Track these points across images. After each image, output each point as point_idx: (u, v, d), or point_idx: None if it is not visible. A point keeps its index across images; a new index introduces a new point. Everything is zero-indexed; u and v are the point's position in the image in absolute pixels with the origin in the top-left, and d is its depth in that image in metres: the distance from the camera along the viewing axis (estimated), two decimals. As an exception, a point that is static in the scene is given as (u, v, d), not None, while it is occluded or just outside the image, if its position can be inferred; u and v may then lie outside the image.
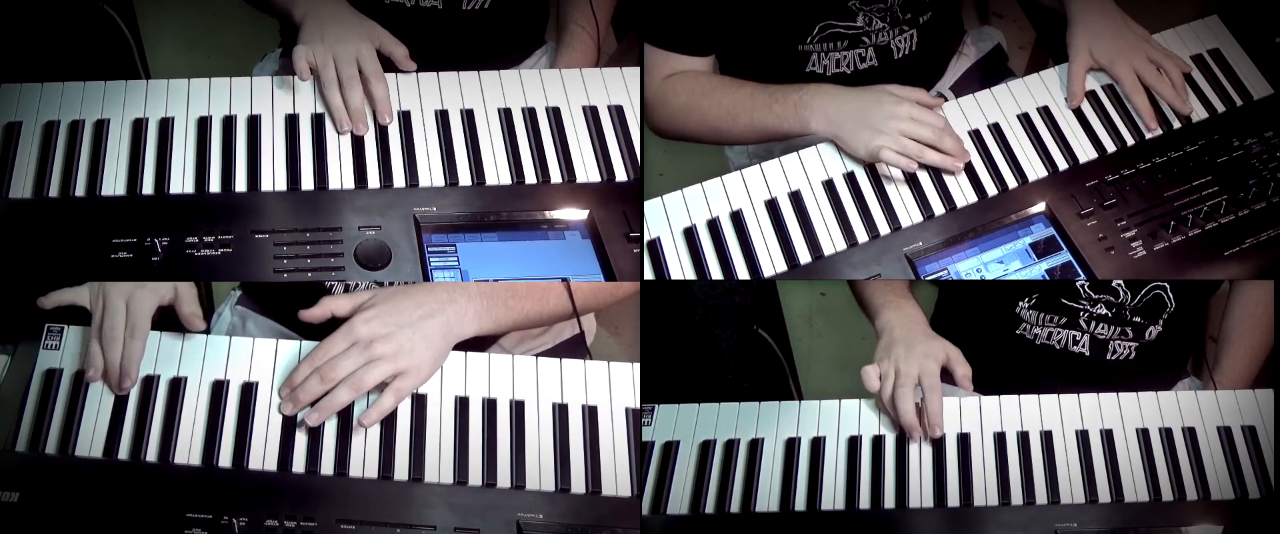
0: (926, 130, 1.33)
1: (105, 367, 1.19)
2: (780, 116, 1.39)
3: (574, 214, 1.30)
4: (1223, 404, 1.34)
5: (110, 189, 1.26)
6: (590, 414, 1.25)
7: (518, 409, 1.23)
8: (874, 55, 1.50)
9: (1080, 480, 1.27)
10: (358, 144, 1.31)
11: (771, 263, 1.31)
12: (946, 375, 1.32)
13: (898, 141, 1.32)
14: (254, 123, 1.33)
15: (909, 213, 1.33)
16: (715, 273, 1.30)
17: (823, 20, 1.46)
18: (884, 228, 1.32)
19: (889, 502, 1.26)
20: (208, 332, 1.26)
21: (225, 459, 1.17)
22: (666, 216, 1.33)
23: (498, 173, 1.32)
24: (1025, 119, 1.40)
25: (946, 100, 1.42)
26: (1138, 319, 1.44)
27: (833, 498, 1.27)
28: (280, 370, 1.22)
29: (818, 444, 1.30)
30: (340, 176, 1.29)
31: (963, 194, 1.34)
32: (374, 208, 1.27)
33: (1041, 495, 1.26)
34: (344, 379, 1.18)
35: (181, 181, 1.27)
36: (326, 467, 1.18)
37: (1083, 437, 1.30)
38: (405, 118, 1.35)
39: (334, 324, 1.23)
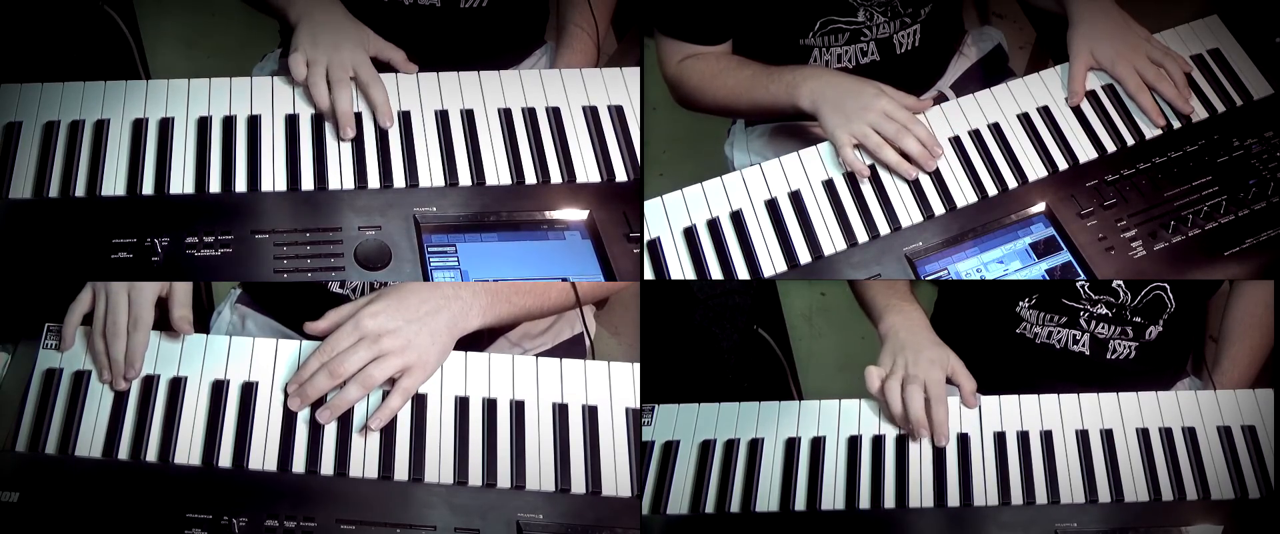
0: (892, 127, 1.33)
1: (109, 361, 1.19)
2: (775, 94, 1.43)
3: (574, 214, 1.30)
4: (1223, 404, 1.34)
5: (110, 189, 1.26)
6: (590, 414, 1.25)
7: (518, 409, 1.23)
8: (876, 50, 1.51)
9: (1080, 480, 1.27)
10: (358, 144, 1.31)
11: (771, 263, 1.31)
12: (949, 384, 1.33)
13: (861, 130, 1.33)
14: (254, 123, 1.33)
15: (909, 213, 1.33)
16: (715, 273, 1.30)
17: (823, 15, 1.47)
18: (884, 228, 1.32)
19: (889, 502, 1.26)
20: (207, 331, 1.26)
21: (225, 459, 1.17)
22: (666, 216, 1.33)
23: (498, 173, 1.32)
24: (1025, 119, 1.40)
25: (946, 99, 1.42)
26: (1138, 319, 1.44)
27: (833, 498, 1.27)
28: (280, 370, 1.22)
29: (818, 444, 1.30)
30: (340, 176, 1.29)
31: (963, 194, 1.34)
32: (374, 208, 1.27)
33: (1041, 495, 1.26)
34: (352, 375, 1.19)
35: (181, 181, 1.27)
36: (326, 467, 1.18)
37: (1083, 437, 1.30)
38: (405, 118, 1.35)
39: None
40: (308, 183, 1.28)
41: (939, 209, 1.33)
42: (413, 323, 1.20)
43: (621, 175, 1.34)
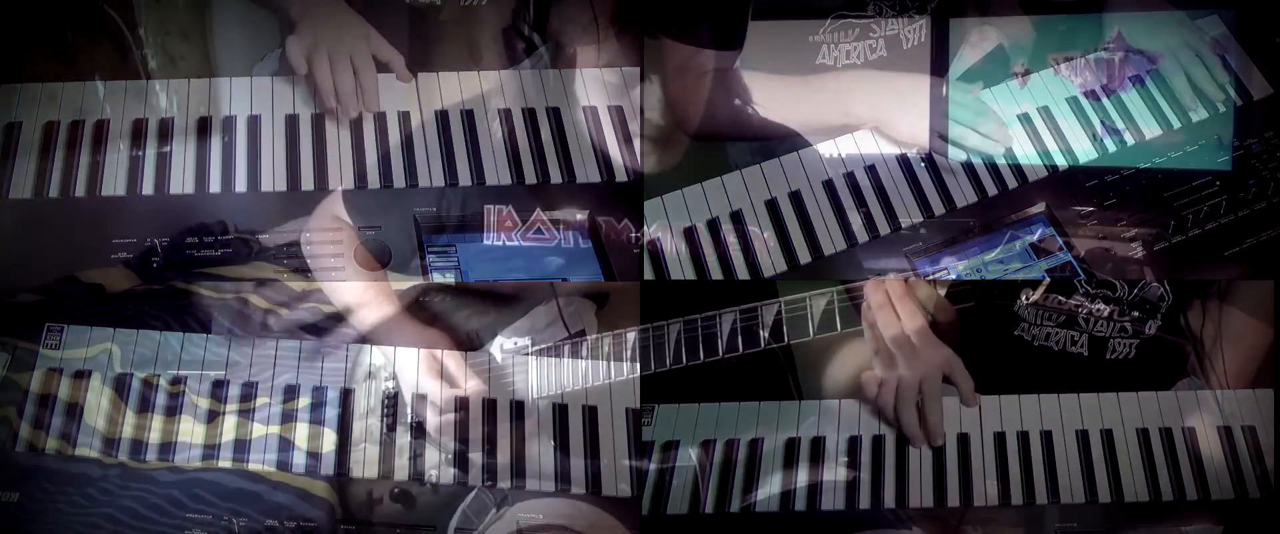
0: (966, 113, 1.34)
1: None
2: (820, 104, 1.41)
3: (574, 214, 1.30)
4: (1223, 404, 1.34)
5: (110, 189, 1.26)
6: (590, 414, 1.25)
7: (518, 409, 1.23)
8: (884, 46, 1.51)
9: (1080, 480, 1.27)
10: (358, 144, 1.31)
11: (771, 263, 1.31)
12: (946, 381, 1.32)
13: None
14: (254, 123, 1.33)
15: (909, 213, 1.33)
16: (715, 273, 1.30)
17: (835, 10, 1.46)
18: (884, 228, 1.32)
19: (889, 502, 1.26)
20: None
21: (225, 459, 1.18)
22: (666, 217, 1.33)
23: (498, 173, 1.32)
24: (1025, 119, 1.40)
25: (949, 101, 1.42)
26: (1136, 314, 1.44)
27: (833, 498, 1.27)
28: (281, 369, 1.22)
29: (818, 444, 1.30)
30: (340, 177, 1.29)
31: (963, 194, 1.34)
32: (374, 208, 1.27)
33: (1041, 495, 1.26)
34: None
35: (181, 182, 1.27)
36: (326, 467, 1.18)
37: (1083, 437, 1.30)
38: (405, 118, 1.35)
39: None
40: (308, 183, 1.28)
41: (939, 209, 1.33)
42: None
43: (621, 175, 1.34)
